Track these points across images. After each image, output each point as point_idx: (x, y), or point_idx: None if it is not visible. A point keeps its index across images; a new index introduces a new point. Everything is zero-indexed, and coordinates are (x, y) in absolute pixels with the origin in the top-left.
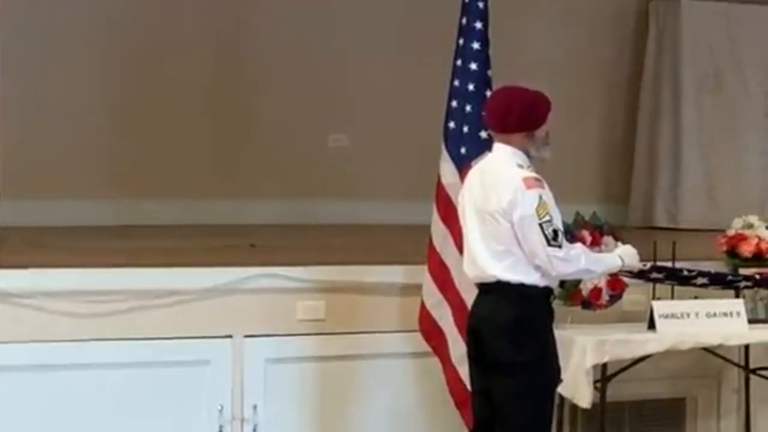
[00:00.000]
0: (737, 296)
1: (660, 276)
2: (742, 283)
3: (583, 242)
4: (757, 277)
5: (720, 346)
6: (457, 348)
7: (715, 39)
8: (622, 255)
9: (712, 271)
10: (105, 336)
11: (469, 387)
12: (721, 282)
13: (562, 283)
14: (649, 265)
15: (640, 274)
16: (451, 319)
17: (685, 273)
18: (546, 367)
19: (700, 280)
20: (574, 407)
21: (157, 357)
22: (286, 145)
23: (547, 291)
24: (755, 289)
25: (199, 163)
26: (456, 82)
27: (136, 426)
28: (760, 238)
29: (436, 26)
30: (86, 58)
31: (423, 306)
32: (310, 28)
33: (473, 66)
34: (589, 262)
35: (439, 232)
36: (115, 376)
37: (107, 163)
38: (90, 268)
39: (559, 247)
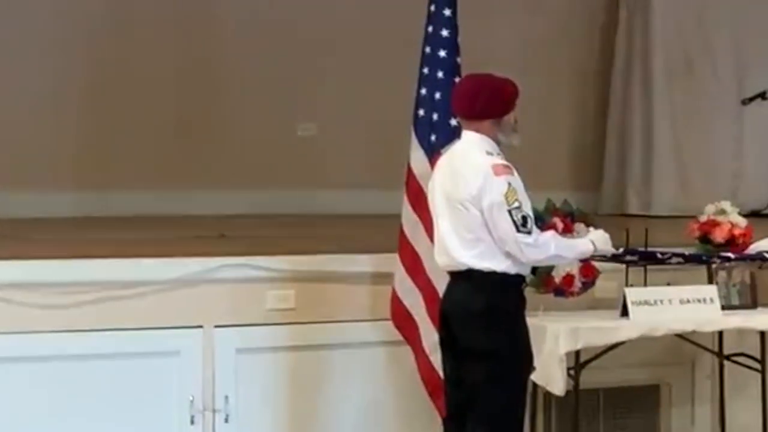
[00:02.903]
0: (710, 283)
1: (634, 258)
2: (718, 261)
3: (555, 229)
4: (732, 256)
5: (693, 332)
6: (429, 336)
7: (686, 23)
8: (594, 240)
9: (686, 252)
10: (73, 327)
11: (441, 375)
12: (696, 260)
13: (534, 271)
14: (622, 249)
15: (614, 258)
16: (423, 308)
17: (659, 255)
18: (518, 354)
19: (675, 260)
20: (548, 395)
21: (126, 348)
22: (255, 135)
23: (518, 278)
24: (729, 272)
25: (165, 153)
26: (425, 70)
27: (106, 418)
28: (732, 224)
29: (404, 13)
30: (48, 46)
31: (394, 294)
32: (277, 16)
33: (442, 53)
34: (559, 248)
35: (409, 220)
36: (85, 367)
37: (72, 153)
38: (56, 260)
39: (529, 233)
